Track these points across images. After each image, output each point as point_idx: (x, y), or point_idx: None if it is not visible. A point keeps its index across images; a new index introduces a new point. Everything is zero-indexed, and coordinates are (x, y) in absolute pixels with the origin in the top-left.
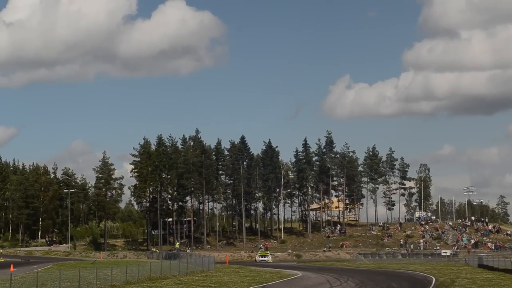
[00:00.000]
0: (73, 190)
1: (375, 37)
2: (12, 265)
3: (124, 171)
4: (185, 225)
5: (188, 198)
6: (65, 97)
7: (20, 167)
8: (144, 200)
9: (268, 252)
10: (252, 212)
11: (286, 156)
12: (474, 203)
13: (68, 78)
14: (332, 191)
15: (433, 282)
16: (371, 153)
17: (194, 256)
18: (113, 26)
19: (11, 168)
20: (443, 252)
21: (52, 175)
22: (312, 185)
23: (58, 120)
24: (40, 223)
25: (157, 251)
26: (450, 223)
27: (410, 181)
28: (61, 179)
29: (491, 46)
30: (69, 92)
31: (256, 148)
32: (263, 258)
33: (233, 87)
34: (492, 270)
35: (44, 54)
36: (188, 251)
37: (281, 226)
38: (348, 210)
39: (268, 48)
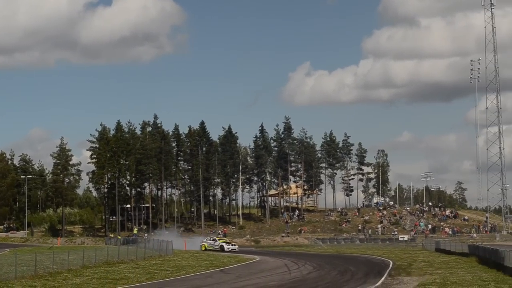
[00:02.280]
0: (30, 176)
1: (335, 25)
2: None
3: (84, 158)
4: (143, 211)
5: (146, 184)
6: (24, 84)
7: None
8: (102, 186)
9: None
10: (210, 198)
11: (246, 142)
12: (432, 189)
13: (28, 65)
14: (291, 177)
15: (390, 265)
16: (328, 139)
17: (152, 241)
18: (74, 12)
19: None
20: (401, 237)
21: (9, 162)
22: (271, 171)
23: (16, 108)
24: None
25: (118, 237)
26: (408, 208)
27: (368, 166)
28: (18, 165)
29: (450, 34)
30: (29, 79)
31: (215, 134)
32: (232, 247)
33: (193, 75)
34: (449, 254)
35: (3, 41)
36: (146, 237)
37: (240, 212)
38: (307, 196)
39: (229, 35)
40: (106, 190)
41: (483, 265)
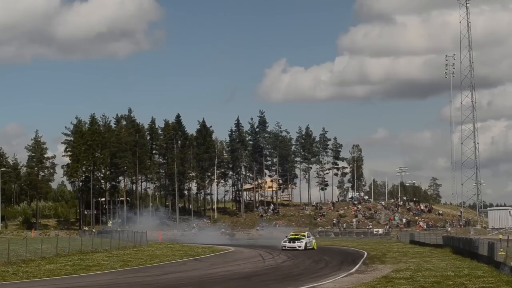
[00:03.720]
0: (4, 169)
1: (311, 22)
2: None
3: (59, 153)
4: (118, 205)
5: (121, 178)
6: (0, 80)
7: None
8: (77, 180)
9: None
10: (185, 192)
11: (221, 137)
12: (407, 184)
13: (4, 60)
14: (266, 171)
15: (365, 255)
16: (304, 133)
17: (126, 232)
18: (50, 8)
19: None
20: (375, 231)
21: None
22: (246, 165)
23: None
24: None
25: (92, 230)
26: (383, 203)
27: (343, 161)
28: None
29: (426, 31)
30: (4, 75)
31: (191, 129)
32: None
33: (170, 71)
34: (423, 245)
35: None
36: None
37: (215, 206)
38: (282, 190)
39: (205, 32)
40: (81, 183)
41: (457, 255)
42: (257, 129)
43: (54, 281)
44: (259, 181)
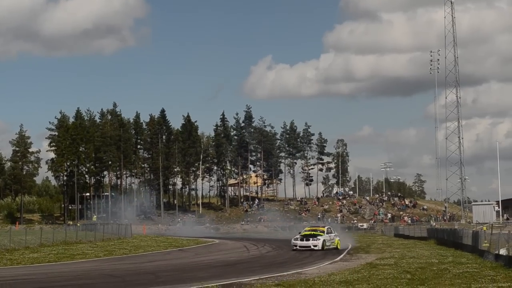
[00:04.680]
0: None
1: (297, 19)
2: None
3: (44, 150)
4: (102, 200)
5: (106, 172)
6: None
7: None
8: (61, 174)
9: None
10: (170, 187)
11: (206, 132)
12: (392, 180)
13: None
14: (251, 166)
15: (350, 246)
16: (288, 128)
17: (111, 225)
18: (36, 4)
19: None
20: (360, 225)
21: None
22: (231, 160)
23: None
24: None
25: (77, 224)
26: (368, 198)
27: (328, 156)
28: None
29: (412, 29)
30: None
31: (177, 124)
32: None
33: (156, 68)
34: (407, 238)
35: None
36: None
37: (199, 201)
38: (266, 185)
39: (191, 29)
40: (65, 178)
41: (441, 246)
42: (242, 124)
43: (38, 267)
44: (244, 176)
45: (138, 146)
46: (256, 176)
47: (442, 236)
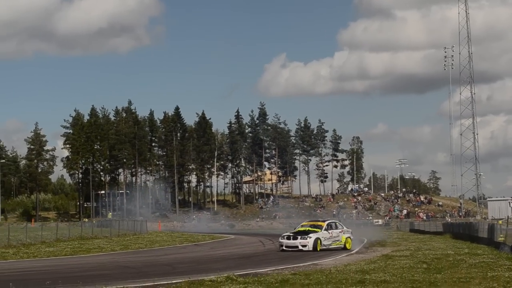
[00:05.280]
0: (3, 161)
1: (311, 17)
2: None
3: (59, 148)
4: (117, 197)
5: (120, 170)
6: (0, 76)
7: None
8: (77, 172)
9: None
10: (185, 184)
11: (220, 129)
12: (406, 177)
13: (4, 56)
14: (265, 163)
15: (365, 241)
16: (302, 125)
17: (126, 221)
18: (51, 3)
19: None
20: (375, 222)
21: None
22: (245, 157)
23: None
24: None
25: (92, 221)
26: (383, 194)
27: (342, 153)
28: None
29: (426, 26)
30: (5, 70)
31: (190, 121)
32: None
33: (170, 66)
34: (423, 233)
35: None
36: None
37: (214, 199)
38: (281, 182)
39: (205, 27)
40: (80, 176)
41: (457, 239)
42: (257, 121)
43: (55, 260)
44: (259, 173)
45: (153, 144)
46: (271, 173)
47: (457, 230)
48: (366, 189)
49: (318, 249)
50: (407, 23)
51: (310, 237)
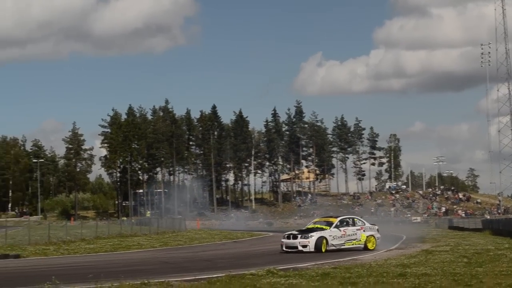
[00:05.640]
0: (42, 160)
1: (347, 15)
2: None
3: (97, 148)
4: (155, 196)
5: (158, 169)
6: (37, 76)
7: None
8: (115, 171)
9: None
10: (223, 183)
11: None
12: (444, 175)
13: (41, 57)
14: (303, 161)
15: (404, 237)
16: (339, 123)
17: (165, 219)
18: (87, 4)
19: None
20: (414, 219)
21: (22, 148)
22: (282, 155)
23: (30, 99)
24: (10, 195)
25: (131, 220)
26: (421, 192)
27: (380, 151)
28: (30, 151)
29: (462, 24)
30: (42, 71)
31: (226, 120)
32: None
33: (206, 66)
34: (462, 230)
35: (17, 33)
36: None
37: (252, 197)
38: (319, 180)
39: (241, 26)
40: (118, 175)
41: (497, 236)
42: (293, 119)
43: (95, 256)
44: (296, 172)
45: (190, 142)
46: (309, 171)
47: (497, 226)
48: (404, 186)
49: (323, 250)
50: (444, 20)
51: (311, 236)
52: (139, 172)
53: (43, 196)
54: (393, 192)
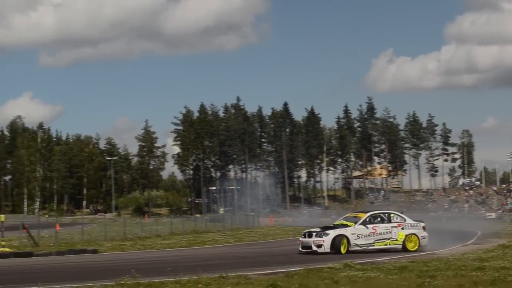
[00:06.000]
0: (116, 158)
1: (418, 11)
2: (57, 225)
3: (169, 147)
4: (228, 193)
5: (231, 166)
6: (110, 75)
7: (64, 139)
8: (187, 168)
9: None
10: (295, 179)
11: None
12: None
13: (113, 56)
14: (375, 158)
15: (479, 233)
16: (411, 119)
17: (238, 216)
18: (157, 3)
19: (54, 139)
20: (488, 215)
21: (95, 146)
22: (355, 151)
23: (103, 98)
24: (84, 192)
25: (204, 217)
26: (495, 188)
27: (452, 146)
28: (104, 149)
29: None
30: (114, 70)
31: (299, 117)
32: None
33: (277, 63)
34: None
35: (89, 33)
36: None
37: (325, 194)
38: (391, 177)
39: (312, 24)
40: (191, 172)
41: None
42: (365, 116)
43: (171, 251)
44: (369, 168)
45: (262, 139)
46: (381, 167)
47: None
48: (478, 183)
49: (343, 251)
50: None
51: (327, 234)
52: (212, 169)
53: (117, 193)
54: (467, 188)
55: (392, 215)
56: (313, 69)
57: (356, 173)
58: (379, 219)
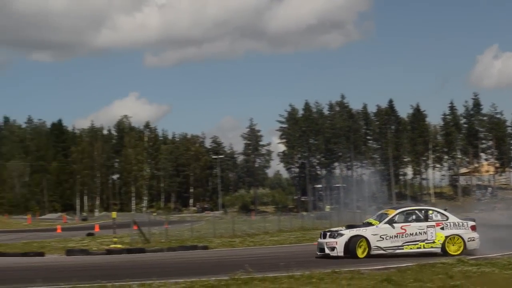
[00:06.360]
0: (222, 156)
1: None
2: (166, 223)
3: (274, 145)
4: (334, 191)
5: (336, 164)
6: (214, 74)
7: (170, 138)
8: (293, 166)
9: None
10: (401, 177)
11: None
12: None
13: (217, 56)
14: (482, 154)
15: None
16: None
17: (344, 213)
18: (261, 3)
19: (161, 138)
20: None
21: (201, 145)
22: (461, 148)
23: (208, 97)
24: (191, 191)
25: (311, 215)
26: None
27: None
28: (210, 147)
29: None
30: (218, 70)
31: (403, 113)
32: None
33: (381, 60)
34: None
35: (194, 33)
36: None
37: (431, 191)
38: (499, 173)
39: (415, 20)
40: (297, 170)
41: None
42: (471, 112)
43: (281, 248)
44: (476, 165)
45: (367, 137)
46: (488, 164)
47: None
48: None
49: (361, 255)
50: None
51: (341, 235)
52: (317, 167)
53: (223, 191)
54: None
55: (430, 211)
56: (417, 66)
57: (463, 170)
58: (413, 216)
